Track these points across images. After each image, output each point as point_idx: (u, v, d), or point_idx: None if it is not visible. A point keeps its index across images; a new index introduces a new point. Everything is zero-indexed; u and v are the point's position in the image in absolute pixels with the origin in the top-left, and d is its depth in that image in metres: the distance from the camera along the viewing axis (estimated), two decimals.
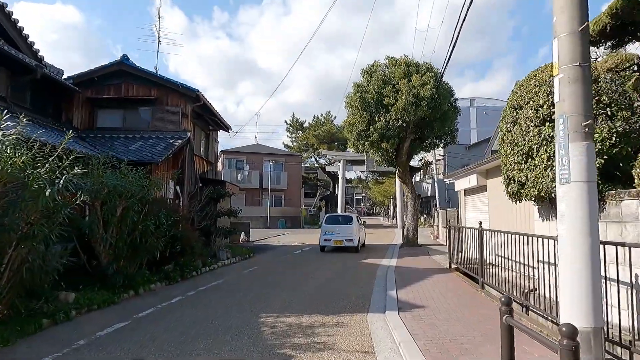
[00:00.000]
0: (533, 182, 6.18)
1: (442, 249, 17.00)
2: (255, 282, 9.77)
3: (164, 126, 14.96)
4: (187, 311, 6.95)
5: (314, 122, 44.10)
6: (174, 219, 9.48)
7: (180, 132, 14.93)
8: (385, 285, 9.08)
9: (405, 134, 16.71)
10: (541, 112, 6.09)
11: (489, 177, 12.16)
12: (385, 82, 16.13)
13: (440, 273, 10.77)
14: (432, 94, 15.20)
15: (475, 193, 13.67)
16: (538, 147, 6.07)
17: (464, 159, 37.83)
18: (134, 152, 12.70)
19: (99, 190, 7.69)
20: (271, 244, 20.97)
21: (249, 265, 12.89)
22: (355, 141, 17.49)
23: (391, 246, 19.32)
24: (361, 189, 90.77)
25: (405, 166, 18.00)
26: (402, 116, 15.45)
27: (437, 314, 6.41)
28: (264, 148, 41.93)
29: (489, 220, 12.18)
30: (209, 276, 10.72)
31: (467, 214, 14.71)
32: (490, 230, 8.39)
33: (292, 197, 39.56)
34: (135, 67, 14.89)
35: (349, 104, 17.43)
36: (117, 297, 7.61)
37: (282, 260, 14.32)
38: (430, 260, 13.58)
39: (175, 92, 15.12)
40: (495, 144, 13.93)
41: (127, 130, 14.75)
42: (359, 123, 16.75)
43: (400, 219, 38.79)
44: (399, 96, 15.51)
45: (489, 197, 12.16)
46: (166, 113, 15.12)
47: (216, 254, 13.44)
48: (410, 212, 18.19)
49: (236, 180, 37.21)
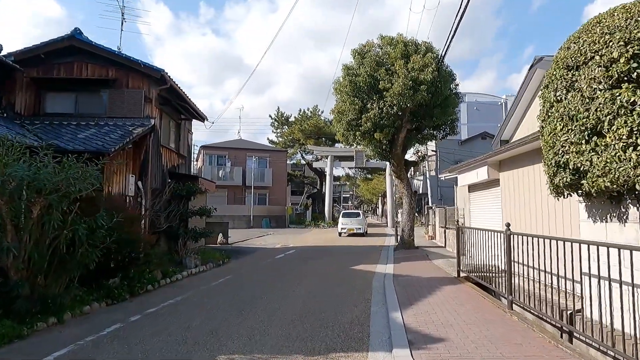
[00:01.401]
0: (603, 169, 4.36)
1: (442, 251, 15.25)
2: (223, 299, 7.81)
3: (123, 112, 12.88)
4: (118, 349, 4.98)
5: (300, 116, 42.07)
6: (117, 220, 7.46)
7: (142, 119, 12.87)
8: (385, 303, 7.23)
9: (401, 122, 14.88)
10: (615, 70, 4.28)
11: (503, 169, 10.40)
12: (380, 64, 14.28)
13: (448, 284, 8.96)
14: (433, 77, 13.39)
15: (484, 188, 11.91)
16: (611, 119, 4.26)
17: (457, 154, 36.39)
18: (82, 141, 10.64)
19: (3, 185, 5.67)
20: (252, 246, 19.00)
21: (222, 274, 10.93)
22: (344, 132, 15.62)
23: (384, 248, 17.52)
24: (349, 187, 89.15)
25: (400, 159, 16.19)
26: (398, 102, 13.62)
27: (465, 354, 4.56)
28: (247, 143, 39.84)
29: (502, 220, 10.42)
30: (169, 290, 8.73)
31: (473, 212, 12.96)
32: (520, 234, 6.57)
33: (277, 195, 37.55)
34: (89, 43, 12.76)
35: (338, 90, 15.54)
36: (28, 329, 5.60)
37: (261, 267, 12.38)
38: (432, 267, 11.79)
39: (137, 73, 13.05)
40: (504, 133, 12.20)
41: (80, 117, 12.66)
42: (349, 111, 14.88)
43: (390, 217, 37.11)
44: (395, 79, 13.67)
45: (502, 193, 10.40)
46: (127, 97, 13.03)
47: (183, 261, 11.44)
48: (406, 210, 16.39)
49: (217, 177, 35.09)
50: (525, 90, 10.66)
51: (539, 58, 9.84)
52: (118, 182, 11.42)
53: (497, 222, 10.90)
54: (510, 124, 11.94)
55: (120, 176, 11.59)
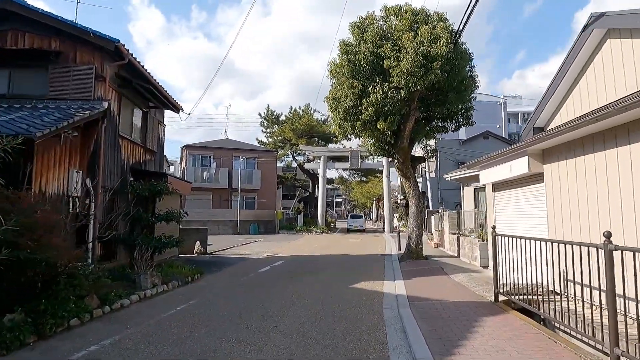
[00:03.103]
0: None
1: (457, 263, 12.89)
2: (170, 347, 5.33)
3: (69, 92, 10.42)
4: None
5: (291, 114, 39.56)
6: (13, 229, 4.97)
7: (93, 101, 10.40)
8: (410, 352, 4.82)
9: (409, 110, 12.53)
10: None
11: (548, 159, 8.08)
12: (384, 38, 11.93)
13: (488, 314, 6.56)
14: (447, 51, 11.07)
15: (517, 186, 9.58)
16: None
17: (458, 154, 34.23)
18: (4, 124, 8.14)
19: None
20: (234, 255, 16.47)
21: (184, 297, 8.42)
22: (341, 122, 13.23)
23: (387, 258, 15.12)
24: (342, 192, 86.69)
25: (407, 154, 13.82)
26: (406, 84, 11.27)
27: None
28: (234, 143, 37.28)
29: (547, 226, 8.09)
30: (101, 327, 6.21)
31: (499, 215, 10.63)
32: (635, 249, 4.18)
33: (266, 199, 34.99)
34: (27, 7, 10.30)
35: (334, 72, 13.16)
36: None
37: (238, 285, 9.89)
38: (453, 285, 9.40)
39: (87, 45, 10.60)
40: (540, 119, 9.89)
41: (13, 98, 10.22)
42: (347, 96, 12.50)
43: (388, 222, 34.75)
44: (402, 56, 11.32)
45: (548, 191, 8.07)
46: (73, 74, 10.56)
47: (136, 279, 8.92)
48: (413, 214, 13.99)
49: (201, 179, 32.53)
50: (573, 61, 8.34)
51: (598, 15, 7.56)
52: (57, 178, 8.96)
53: (534, 228, 8.60)
54: (548, 107, 9.62)
55: (61, 171, 9.13)
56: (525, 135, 10.55)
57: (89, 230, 9.72)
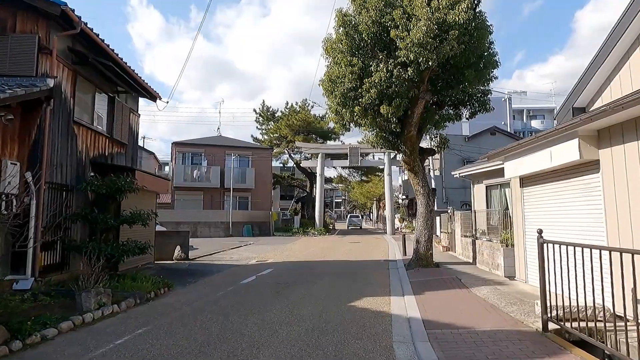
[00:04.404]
0: None
1: (473, 271, 11.02)
2: None
3: (5, 67, 8.61)
4: None
5: (287, 110, 37.61)
6: None
7: (35, 78, 8.55)
8: None
9: (418, 91, 10.66)
10: None
11: (606, 143, 6.22)
12: (390, 5, 10.06)
13: (543, 354, 4.69)
14: (467, 19, 9.21)
15: (555, 179, 7.71)
16: None
17: (464, 151, 32.37)
18: None
19: None
20: (219, 262, 14.58)
21: (137, 321, 6.52)
22: (338, 108, 11.37)
23: (391, 265, 13.25)
24: (341, 192, 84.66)
25: (415, 145, 11.94)
26: (416, 58, 9.41)
27: None
28: (227, 140, 35.38)
29: (606, 230, 6.22)
30: None
31: (529, 216, 8.75)
32: None
33: (260, 199, 33.08)
34: None
35: (330, 49, 11.29)
36: None
37: (211, 302, 7.98)
38: (478, 302, 7.51)
39: (28, 10, 8.81)
40: (580, 98, 8.02)
41: None
42: (344, 77, 10.63)
43: (390, 223, 32.83)
44: (412, 24, 9.46)
45: (607, 184, 6.20)
46: (12, 45, 8.74)
47: (78, 298, 7.01)
48: (422, 214, 12.10)
49: (192, 178, 30.65)
50: (627, 27, 6.48)
51: None
52: None
53: (581, 231, 6.77)
54: (592, 84, 7.73)
55: None
56: (562, 117, 8.68)
57: (28, 234, 7.92)
